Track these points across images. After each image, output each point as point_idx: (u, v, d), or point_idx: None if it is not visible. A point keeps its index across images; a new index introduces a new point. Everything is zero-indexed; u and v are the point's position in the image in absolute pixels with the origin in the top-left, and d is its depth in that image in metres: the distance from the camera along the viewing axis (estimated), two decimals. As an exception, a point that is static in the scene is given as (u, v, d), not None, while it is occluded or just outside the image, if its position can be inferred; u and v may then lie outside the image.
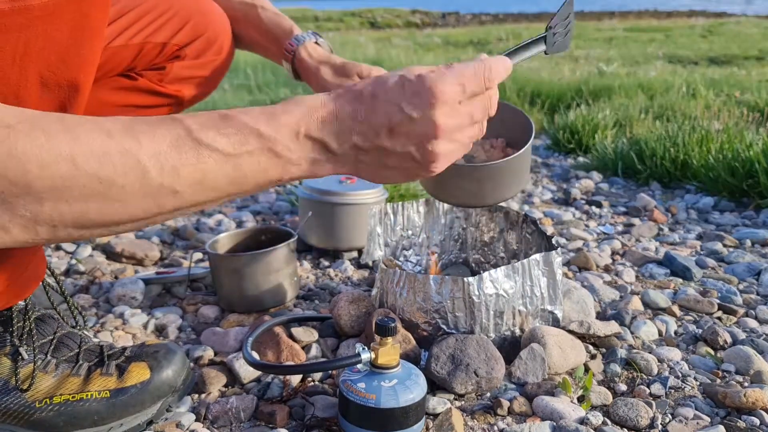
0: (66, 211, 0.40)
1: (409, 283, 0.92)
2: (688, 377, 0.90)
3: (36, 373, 0.73)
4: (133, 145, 0.42)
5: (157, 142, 0.43)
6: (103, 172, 0.41)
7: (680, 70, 4.51)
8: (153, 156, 0.43)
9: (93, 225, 0.42)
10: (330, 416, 0.80)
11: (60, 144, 0.40)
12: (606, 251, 1.41)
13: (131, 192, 0.42)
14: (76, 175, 0.40)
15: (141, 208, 0.43)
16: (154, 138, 0.43)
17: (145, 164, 0.42)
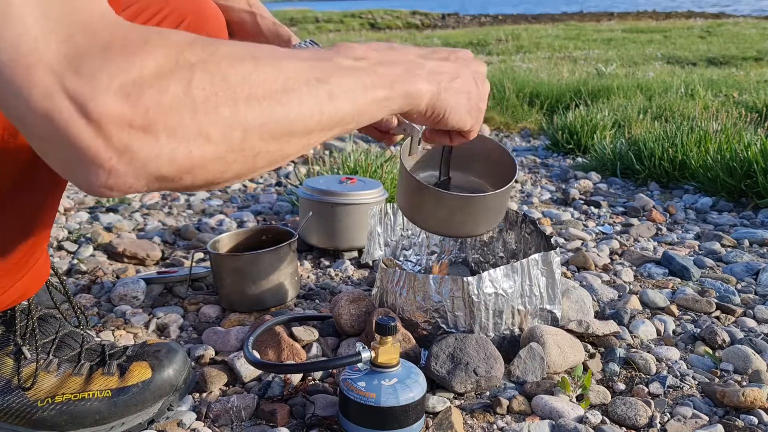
0: (257, 113, 0.43)
1: (409, 283, 0.92)
2: (686, 376, 0.91)
3: (38, 373, 0.73)
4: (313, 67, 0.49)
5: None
6: (289, 83, 0.46)
7: (679, 71, 4.52)
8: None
9: (276, 130, 0.45)
10: (330, 415, 0.80)
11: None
12: (605, 251, 1.41)
13: (306, 94, 0.47)
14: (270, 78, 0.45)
15: (308, 109, 0.47)
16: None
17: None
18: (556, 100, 3.29)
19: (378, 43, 0.59)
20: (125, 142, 0.37)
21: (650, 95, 3.31)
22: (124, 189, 0.40)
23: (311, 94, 0.47)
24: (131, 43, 0.39)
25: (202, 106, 0.40)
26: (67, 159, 0.38)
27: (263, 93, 0.44)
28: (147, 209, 1.76)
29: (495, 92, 3.35)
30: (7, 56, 0.36)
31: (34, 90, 0.36)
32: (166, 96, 0.38)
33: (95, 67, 0.37)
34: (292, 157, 0.49)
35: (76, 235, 1.47)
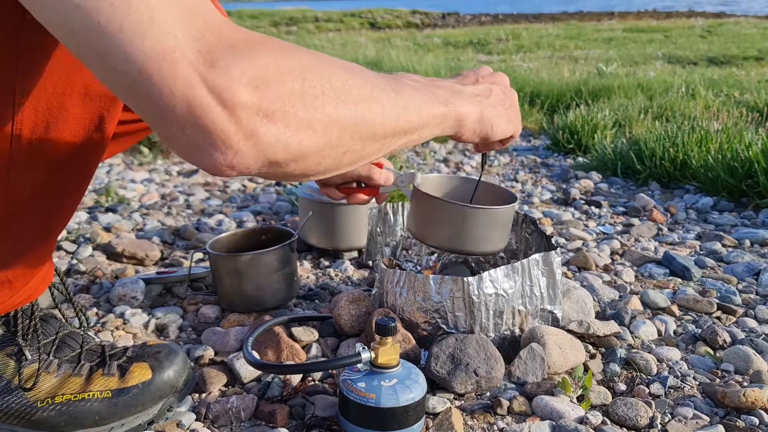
0: (352, 114, 0.51)
1: (409, 283, 0.92)
2: (687, 377, 0.91)
3: (39, 373, 0.73)
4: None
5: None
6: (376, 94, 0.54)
7: (679, 71, 4.52)
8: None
9: (366, 131, 0.52)
10: (330, 416, 0.80)
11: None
12: (605, 251, 1.41)
13: (388, 103, 0.55)
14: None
15: (389, 116, 0.55)
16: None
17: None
18: (556, 100, 3.29)
19: (420, 75, 0.67)
20: (253, 127, 0.44)
21: (651, 95, 3.31)
22: (243, 169, 0.46)
23: (392, 103, 0.55)
24: (253, 43, 0.45)
25: (312, 102, 0.47)
26: (197, 141, 0.44)
27: (358, 97, 0.51)
28: (146, 209, 1.76)
29: (495, 92, 3.35)
30: (153, 52, 0.41)
31: (179, 81, 0.42)
32: (286, 91, 0.45)
33: (228, 62, 0.43)
34: (368, 159, 0.56)
35: (75, 235, 1.47)
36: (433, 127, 0.64)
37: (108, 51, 0.41)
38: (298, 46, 0.49)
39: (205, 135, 0.44)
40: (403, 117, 0.57)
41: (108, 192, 1.84)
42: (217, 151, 0.44)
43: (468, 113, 0.68)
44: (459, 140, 0.72)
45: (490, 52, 7.14)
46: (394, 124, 0.56)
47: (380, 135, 0.55)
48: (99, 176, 2.13)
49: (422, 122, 0.61)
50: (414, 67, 3.89)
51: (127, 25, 0.41)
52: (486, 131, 0.72)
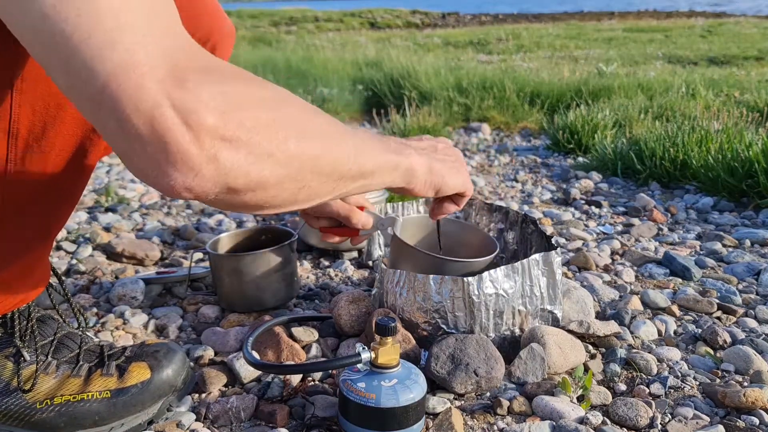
0: (312, 150, 0.52)
1: (409, 283, 0.92)
2: (687, 377, 0.91)
3: (38, 374, 0.73)
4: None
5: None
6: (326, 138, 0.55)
7: (680, 71, 4.52)
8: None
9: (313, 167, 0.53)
10: (330, 416, 0.80)
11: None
12: (605, 251, 1.41)
13: (343, 144, 0.57)
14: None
15: (344, 156, 0.57)
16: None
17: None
18: (556, 100, 3.29)
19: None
20: (215, 152, 0.44)
21: (651, 95, 3.31)
22: (200, 192, 0.45)
23: (348, 145, 0.57)
24: (224, 71, 0.46)
25: (276, 134, 0.47)
26: (157, 159, 0.43)
27: (318, 135, 0.53)
28: (146, 209, 1.76)
29: (495, 92, 3.35)
30: (122, 63, 0.40)
31: (145, 96, 0.41)
32: (251, 119, 0.45)
33: (196, 84, 0.43)
34: (321, 199, 0.58)
35: (74, 235, 1.47)
36: (386, 174, 0.65)
37: (73, 59, 0.40)
38: (266, 81, 0.50)
39: (166, 154, 0.42)
40: (358, 159, 0.58)
41: (108, 192, 1.84)
42: (177, 172, 0.43)
43: (418, 164, 0.70)
44: (412, 193, 0.73)
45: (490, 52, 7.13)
46: (349, 165, 0.57)
47: (336, 174, 0.56)
48: (99, 176, 2.13)
49: (375, 167, 0.62)
50: (414, 67, 3.88)
51: (97, 35, 0.40)
52: (437, 182, 0.74)
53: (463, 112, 3.20)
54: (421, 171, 0.71)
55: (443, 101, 3.30)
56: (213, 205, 0.50)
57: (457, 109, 3.21)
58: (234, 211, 0.54)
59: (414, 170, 0.70)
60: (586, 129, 2.48)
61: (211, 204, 0.49)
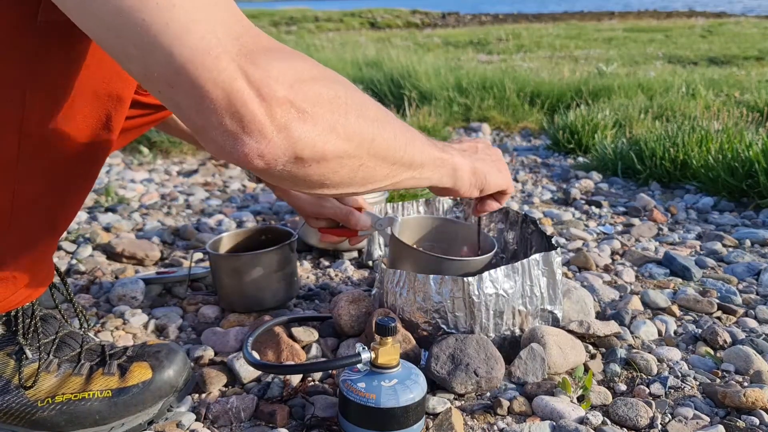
0: (370, 129, 0.55)
1: (409, 283, 0.92)
2: (687, 377, 0.91)
3: (39, 373, 0.73)
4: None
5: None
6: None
7: (680, 70, 4.52)
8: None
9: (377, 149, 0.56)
10: (330, 416, 0.80)
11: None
12: (606, 251, 1.41)
13: (398, 130, 0.60)
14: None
15: (399, 142, 0.60)
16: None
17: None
18: (557, 100, 3.28)
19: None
20: (285, 121, 0.48)
21: (651, 95, 3.31)
22: (271, 160, 0.49)
23: (401, 132, 0.60)
24: (287, 51, 0.50)
25: (338, 109, 0.51)
26: (233, 130, 0.47)
27: (374, 117, 0.56)
28: (146, 209, 1.76)
29: (495, 92, 3.35)
30: (198, 47, 0.45)
31: (222, 73, 0.45)
32: (316, 94, 0.50)
33: (266, 61, 0.47)
34: (376, 185, 0.60)
35: (74, 235, 1.47)
36: (433, 170, 0.67)
37: (150, 48, 0.44)
38: (320, 64, 0.54)
39: (243, 124, 0.47)
40: (409, 148, 0.61)
41: (108, 192, 1.84)
42: (252, 139, 0.47)
43: (461, 165, 0.73)
44: (457, 194, 0.76)
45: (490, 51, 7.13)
46: (402, 153, 0.60)
47: (390, 159, 0.59)
48: (99, 176, 2.13)
49: (424, 160, 0.65)
50: (414, 67, 3.88)
51: (172, 22, 0.44)
52: (481, 182, 0.77)
53: (463, 112, 3.20)
54: (466, 172, 0.74)
55: (443, 101, 3.30)
56: (278, 179, 0.52)
57: (457, 109, 3.21)
58: (298, 189, 0.57)
59: (458, 170, 0.72)
60: (586, 129, 2.48)
61: (278, 177, 0.52)
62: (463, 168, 0.73)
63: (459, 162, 0.73)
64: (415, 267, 0.93)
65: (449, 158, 0.71)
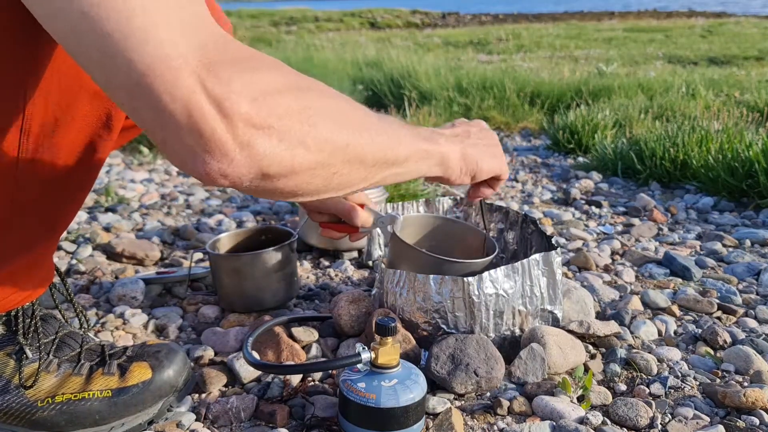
0: (343, 136, 0.53)
1: (409, 283, 0.92)
2: (687, 377, 0.91)
3: (39, 372, 0.73)
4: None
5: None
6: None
7: (680, 71, 4.52)
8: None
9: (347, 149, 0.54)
10: (330, 416, 0.80)
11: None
12: (606, 251, 1.41)
13: (376, 132, 0.58)
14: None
15: (377, 145, 0.58)
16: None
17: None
18: (557, 100, 3.28)
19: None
20: (248, 138, 0.45)
21: (651, 95, 3.31)
22: (235, 179, 0.47)
23: (379, 132, 0.58)
24: (255, 60, 0.47)
25: (307, 120, 0.49)
26: (193, 147, 0.45)
27: (349, 122, 0.54)
28: (146, 209, 1.76)
29: (496, 92, 3.35)
30: (156, 58, 0.42)
31: (180, 87, 0.43)
32: (283, 107, 0.47)
33: (229, 73, 0.44)
34: (355, 187, 0.58)
35: (74, 235, 1.47)
36: (418, 162, 0.65)
37: (111, 55, 0.42)
38: (294, 70, 0.52)
39: (202, 142, 0.44)
40: (389, 147, 0.59)
41: (108, 192, 1.84)
42: (213, 159, 0.45)
43: (450, 152, 0.71)
44: (449, 183, 0.74)
45: (490, 51, 7.13)
46: (381, 153, 0.58)
47: (368, 161, 0.57)
48: (99, 176, 2.13)
49: (407, 155, 0.63)
50: (414, 67, 3.88)
51: (131, 31, 0.42)
52: (473, 169, 0.74)
53: (463, 112, 3.20)
54: (455, 159, 0.72)
55: (443, 101, 3.30)
56: (248, 192, 0.51)
57: (457, 109, 3.21)
58: (269, 199, 0.55)
59: (447, 158, 0.70)
60: (586, 129, 2.48)
61: (247, 191, 0.50)
62: (452, 155, 0.71)
63: (447, 150, 0.70)
64: (416, 267, 0.93)
65: (436, 148, 0.68)
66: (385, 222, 0.96)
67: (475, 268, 0.95)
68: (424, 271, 0.91)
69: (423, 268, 0.93)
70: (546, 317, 0.96)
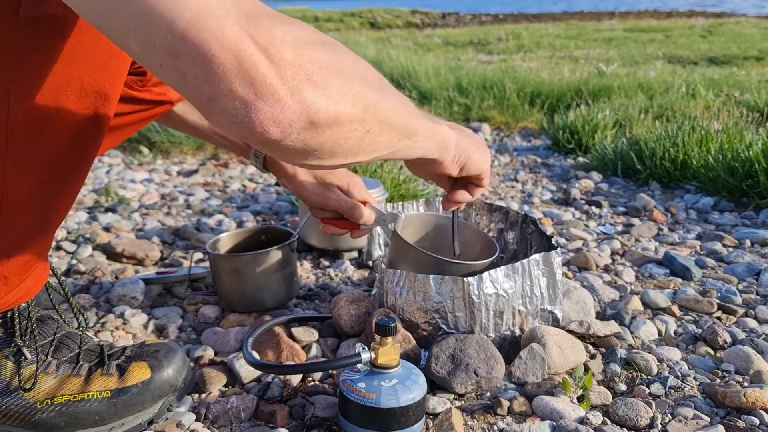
0: (374, 94, 0.54)
1: (409, 283, 0.92)
2: (687, 377, 0.91)
3: (38, 374, 0.73)
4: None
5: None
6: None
7: (680, 71, 4.52)
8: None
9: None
10: (330, 416, 0.80)
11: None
12: (606, 251, 1.41)
13: (396, 99, 0.59)
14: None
15: (399, 110, 0.59)
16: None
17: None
18: (557, 100, 3.29)
19: None
20: (297, 84, 0.46)
21: (651, 95, 3.31)
22: (286, 126, 0.47)
23: (400, 100, 0.60)
24: (286, 17, 0.49)
25: (343, 74, 0.50)
26: (245, 95, 0.45)
27: (377, 84, 0.55)
28: (146, 209, 1.76)
29: (495, 92, 3.35)
30: (199, 9, 0.43)
31: (227, 35, 0.44)
32: (321, 58, 0.48)
33: (270, 25, 0.46)
34: (380, 151, 0.58)
35: (74, 235, 1.47)
36: (426, 139, 0.66)
37: (150, 17, 0.43)
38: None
39: (254, 87, 0.45)
40: (409, 116, 0.61)
41: (108, 192, 1.84)
42: (266, 104, 0.45)
43: (449, 137, 0.72)
44: (441, 167, 0.74)
45: (490, 51, 7.13)
46: (402, 120, 0.59)
47: (393, 126, 0.58)
48: (99, 176, 2.13)
49: (419, 129, 0.64)
50: (414, 67, 3.88)
51: None
52: (464, 159, 0.76)
53: (463, 112, 3.20)
54: (452, 144, 0.73)
55: (443, 101, 3.30)
56: (291, 153, 0.50)
57: (457, 109, 3.21)
58: (305, 162, 0.54)
59: (447, 141, 0.72)
60: (587, 129, 2.48)
61: (290, 150, 0.50)
62: (451, 140, 0.73)
63: (448, 134, 0.72)
64: (416, 267, 0.93)
65: (440, 129, 0.70)
66: (387, 220, 0.96)
67: (475, 269, 0.95)
68: (425, 271, 0.91)
69: (423, 268, 0.93)
70: (546, 317, 0.96)
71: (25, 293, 0.73)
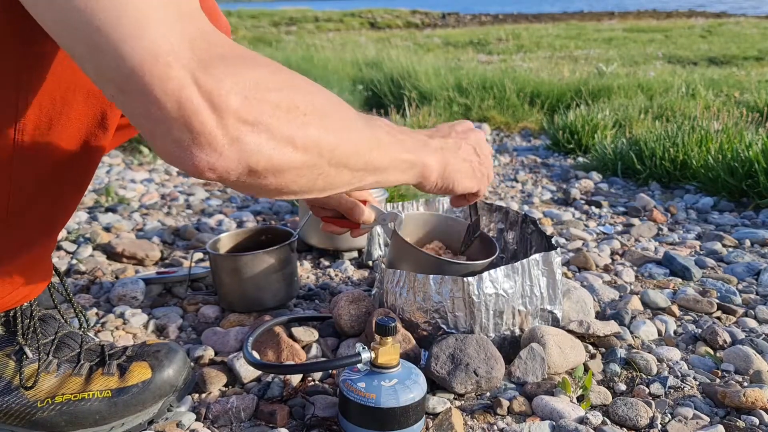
0: (330, 138, 0.53)
1: (409, 283, 0.92)
2: (687, 377, 0.91)
3: (39, 373, 0.73)
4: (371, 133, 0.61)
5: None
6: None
7: (680, 71, 4.52)
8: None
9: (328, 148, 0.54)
10: (330, 416, 0.80)
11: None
12: (605, 251, 1.41)
13: (362, 137, 0.59)
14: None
15: (362, 149, 0.59)
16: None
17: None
18: (556, 100, 3.29)
19: (390, 122, 0.70)
20: (238, 133, 0.46)
21: (651, 95, 3.31)
22: (223, 172, 0.47)
23: (366, 138, 0.59)
24: (246, 58, 0.48)
25: (296, 120, 0.49)
26: (183, 140, 0.45)
27: (338, 125, 0.54)
28: (146, 209, 1.76)
29: (495, 92, 3.35)
30: (149, 52, 0.43)
31: (172, 81, 0.43)
32: (273, 104, 0.48)
33: (220, 69, 0.45)
34: (338, 190, 0.58)
35: (75, 235, 1.47)
36: (400, 173, 0.66)
37: (102, 49, 0.43)
38: (286, 68, 0.52)
39: (192, 135, 0.45)
40: (374, 154, 0.60)
41: (108, 192, 1.84)
42: (202, 152, 0.46)
43: (432, 165, 0.71)
44: (422, 190, 0.74)
45: (490, 52, 7.13)
46: (366, 159, 0.59)
47: (353, 165, 0.57)
48: (99, 176, 2.13)
49: (390, 164, 0.63)
50: (414, 67, 3.88)
51: (124, 25, 0.42)
52: (447, 187, 0.75)
53: (463, 112, 3.20)
54: (434, 173, 0.72)
55: (443, 101, 3.30)
56: (235, 188, 0.51)
57: (457, 109, 3.21)
58: (255, 196, 0.55)
59: (427, 171, 0.71)
60: (586, 129, 2.48)
61: (233, 186, 0.50)
62: (431, 170, 0.71)
63: (429, 162, 0.71)
64: (416, 267, 0.93)
65: (418, 160, 0.69)
66: (387, 219, 0.96)
67: (475, 269, 0.95)
68: (425, 271, 0.91)
69: (423, 268, 0.93)
70: (546, 317, 0.96)
71: (28, 292, 0.73)
